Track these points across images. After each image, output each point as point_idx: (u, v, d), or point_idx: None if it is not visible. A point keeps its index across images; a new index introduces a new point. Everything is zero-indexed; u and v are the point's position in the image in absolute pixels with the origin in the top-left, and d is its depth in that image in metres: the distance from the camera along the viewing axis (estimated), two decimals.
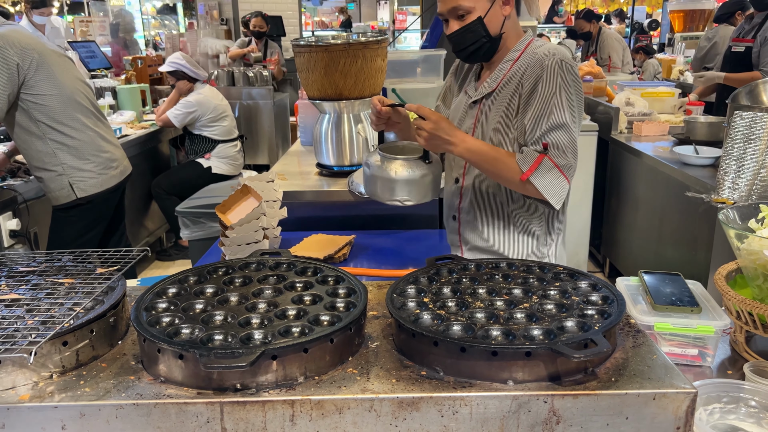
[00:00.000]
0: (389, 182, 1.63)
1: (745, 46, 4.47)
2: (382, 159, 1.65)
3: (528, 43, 1.68)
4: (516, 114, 1.63)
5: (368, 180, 1.69)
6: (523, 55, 1.66)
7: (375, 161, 1.66)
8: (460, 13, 1.59)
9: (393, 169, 1.63)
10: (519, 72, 1.64)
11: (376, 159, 1.66)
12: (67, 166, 2.71)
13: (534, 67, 1.59)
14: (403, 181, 1.62)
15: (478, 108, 1.73)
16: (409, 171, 1.62)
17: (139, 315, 1.06)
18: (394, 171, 1.62)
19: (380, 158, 1.65)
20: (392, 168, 1.63)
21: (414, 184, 1.63)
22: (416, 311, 1.09)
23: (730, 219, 1.40)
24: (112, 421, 0.93)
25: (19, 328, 1.01)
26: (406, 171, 1.62)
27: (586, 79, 4.74)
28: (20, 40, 2.55)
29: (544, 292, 1.15)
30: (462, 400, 0.93)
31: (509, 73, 1.67)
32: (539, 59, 1.59)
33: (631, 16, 12.22)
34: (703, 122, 3.55)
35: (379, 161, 1.65)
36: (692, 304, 1.35)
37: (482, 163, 1.59)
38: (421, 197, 1.65)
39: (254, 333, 1.01)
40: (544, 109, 1.56)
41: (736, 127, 2.47)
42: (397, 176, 1.62)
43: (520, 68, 1.64)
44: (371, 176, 1.67)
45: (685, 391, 0.93)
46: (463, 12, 1.59)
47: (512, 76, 1.65)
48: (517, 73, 1.64)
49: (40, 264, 1.29)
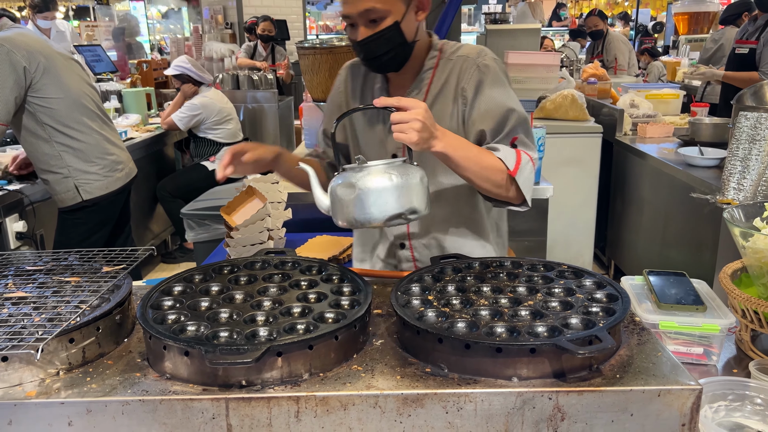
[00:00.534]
0: (384, 193, 1.24)
1: (748, 47, 4.47)
2: (360, 171, 1.25)
3: (441, 48, 1.54)
4: (463, 123, 1.51)
5: (352, 203, 1.25)
6: (442, 61, 1.53)
7: (352, 179, 1.25)
8: (373, 17, 1.39)
9: (385, 176, 1.24)
10: (450, 80, 1.50)
11: (353, 176, 1.25)
12: (73, 168, 2.73)
13: (469, 71, 1.48)
14: (402, 188, 1.25)
15: None
16: (404, 175, 1.25)
17: (145, 312, 1.06)
18: (388, 177, 1.24)
19: (358, 172, 1.25)
20: (382, 176, 1.24)
21: (415, 190, 1.26)
22: (421, 309, 1.09)
23: (735, 218, 1.40)
24: (118, 417, 0.93)
25: (26, 325, 1.02)
26: (401, 176, 1.25)
27: (590, 81, 4.74)
28: (27, 44, 2.56)
29: (549, 290, 1.16)
30: (467, 396, 0.93)
31: (434, 81, 1.52)
32: (471, 62, 1.49)
33: (635, 19, 12.22)
34: (707, 123, 3.54)
35: (358, 176, 1.25)
36: (697, 302, 1.35)
37: (464, 162, 1.34)
38: (425, 207, 1.29)
39: (259, 330, 1.01)
40: (500, 107, 1.46)
41: (741, 128, 2.47)
42: (393, 182, 1.24)
43: (449, 75, 1.51)
44: (355, 197, 1.24)
45: (690, 388, 0.92)
46: (378, 16, 1.39)
47: (443, 85, 1.51)
48: (448, 82, 1.51)
49: (46, 263, 1.30)
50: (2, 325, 1.02)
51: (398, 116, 1.24)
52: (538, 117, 3.88)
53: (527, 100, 4.30)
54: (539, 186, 2.73)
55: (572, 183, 3.77)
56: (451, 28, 5.37)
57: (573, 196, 3.80)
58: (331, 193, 1.29)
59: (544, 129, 2.67)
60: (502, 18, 5.99)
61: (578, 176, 3.82)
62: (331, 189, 1.29)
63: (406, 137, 1.24)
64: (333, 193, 1.28)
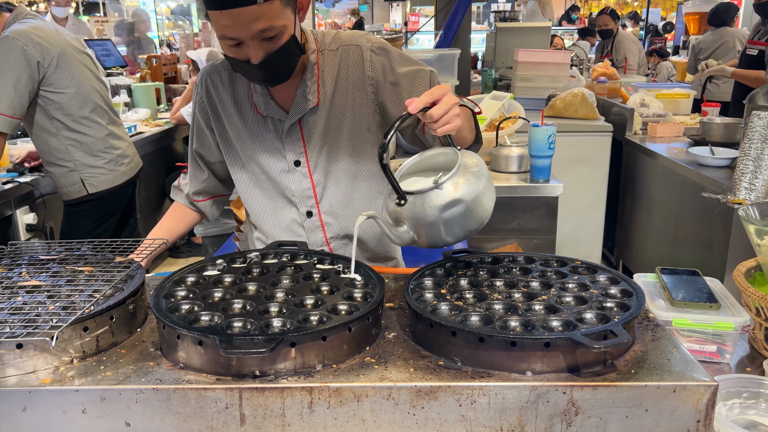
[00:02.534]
0: (486, 192, 1.18)
1: (758, 49, 4.45)
2: (444, 184, 1.16)
3: (315, 41, 1.46)
4: (379, 110, 1.47)
5: (462, 217, 1.17)
6: (322, 54, 1.45)
7: (449, 195, 1.15)
8: (269, 35, 1.24)
9: (475, 175, 1.17)
10: (342, 71, 1.45)
11: (444, 193, 1.16)
12: (79, 162, 2.74)
13: (367, 59, 1.44)
14: (489, 179, 1.20)
15: (299, 127, 1.47)
16: (479, 165, 1.20)
17: (159, 302, 1.06)
18: (476, 174, 1.17)
19: (441, 188, 1.16)
20: (473, 176, 1.17)
21: (484, 187, 1.19)
22: (434, 302, 1.09)
23: (750, 215, 1.39)
24: (132, 406, 0.93)
25: (41, 313, 1.02)
26: (479, 167, 1.19)
27: (600, 80, 4.72)
28: (42, 37, 2.57)
29: (563, 285, 1.15)
30: (480, 389, 0.93)
31: (323, 77, 1.45)
32: (365, 50, 1.44)
33: (645, 19, 12.16)
34: (719, 123, 3.53)
35: (450, 189, 1.15)
36: (711, 300, 1.34)
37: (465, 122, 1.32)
38: (494, 198, 1.23)
39: (273, 321, 1.01)
40: (419, 76, 1.42)
41: (754, 128, 2.45)
42: (486, 176, 1.20)
43: (339, 68, 1.45)
44: (465, 210, 1.16)
45: (705, 384, 0.92)
46: (274, 33, 1.24)
47: (336, 77, 1.45)
48: (340, 74, 1.45)
49: (59, 253, 1.30)
50: (17, 313, 1.02)
51: (439, 110, 1.14)
52: (548, 115, 3.87)
53: (536, 98, 4.30)
54: (549, 184, 2.72)
55: (582, 182, 3.76)
56: (461, 26, 5.36)
57: (582, 195, 3.79)
58: (424, 224, 1.17)
59: (554, 127, 2.66)
60: (511, 16, 5.97)
61: (588, 175, 3.80)
62: (420, 217, 1.17)
63: (452, 126, 1.16)
64: (432, 220, 1.16)
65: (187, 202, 1.69)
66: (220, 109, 1.52)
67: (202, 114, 1.56)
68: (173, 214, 1.68)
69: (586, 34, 8.43)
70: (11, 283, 1.14)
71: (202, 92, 1.53)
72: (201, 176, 1.65)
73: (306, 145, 1.49)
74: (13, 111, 2.49)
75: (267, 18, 1.21)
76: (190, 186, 1.67)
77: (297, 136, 1.48)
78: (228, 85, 1.50)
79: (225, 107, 1.51)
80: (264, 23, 1.21)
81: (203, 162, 1.64)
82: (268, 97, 1.46)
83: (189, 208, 1.69)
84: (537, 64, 4.52)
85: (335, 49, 1.46)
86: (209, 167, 1.64)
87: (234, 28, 1.21)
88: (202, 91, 1.53)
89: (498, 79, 5.84)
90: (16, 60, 2.47)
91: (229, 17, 1.19)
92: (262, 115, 1.48)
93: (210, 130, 1.57)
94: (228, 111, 1.51)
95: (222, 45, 1.28)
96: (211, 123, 1.55)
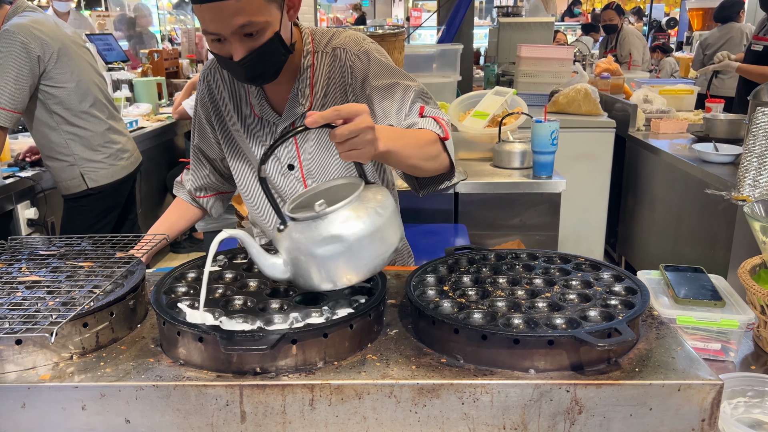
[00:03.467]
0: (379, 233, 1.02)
1: (763, 45, 4.42)
2: (327, 216, 1.00)
3: (312, 42, 1.43)
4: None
5: (341, 259, 1.01)
6: (317, 55, 1.43)
7: (329, 230, 0.99)
8: (250, 31, 1.21)
9: (371, 213, 1.02)
10: (333, 75, 1.42)
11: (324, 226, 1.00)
12: (79, 156, 2.74)
13: (349, 64, 1.39)
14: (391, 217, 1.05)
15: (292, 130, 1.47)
16: (385, 202, 1.05)
17: (159, 298, 1.06)
18: (375, 213, 1.02)
19: (324, 218, 1.00)
20: (367, 214, 1.02)
21: (396, 212, 1.08)
22: (436, 299, 1.08)
23: (755, 212, 1.38)
24: (131, 402, 0.92)
25: (40, 308, 1.01)
26: (383, 206, 1.04)
27: (603, 75, 4.70)
28: (42, 31, 2.56)
29: (566, 282, 1.14)
30: (483, 387, 0.92)
31: (316, 80, 1.42)
32: (350, 54, 1.40)
33: (649, 14, 12.12)
34: (723, 120, 3.50)
35: (334, 224, 1.00)
36: (715, 298, 1.33)
37: (407, 149, 1.17)
38: (391, 246, 1.06)
39: (274, 317, 1.00)
40: (394, 89, 1.34)
41: (758, 124, 2.43)
42: (384, 216, 1.03)
43: (330, 71, 1.42)
44: (346, 251, 1.00)
45: (710, 383, 0.91)
46: (255, 30, 1.21)
47: (327, 82, 1.42)
48: (331, 78, 1.42)
49: (59, 248, 1.29)
50: (16, 309, 1.01)
51: (342, 131, 0.97)
52: (551, 111, 3.85)
53: (539, 93, 4.28)
54: (552, 180, 2.71)
55: (584, 178, 3.74)
56: (463, 22, 5.34)
57: (585, 191, 3.77)
58: (297, 257, 1.01)
59: (557, 123, 2.64)
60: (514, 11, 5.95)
61: (590, 171, 3.79)
62: (293, 251, 1.01)
63: (359, 154, 1.01)
64: (305, 256, 1.00)
65: (188, 198, 1.68)
66: (220, 105, 1.52)
67: (203, 109, 1.55)
68: (175, 210, 1.68)
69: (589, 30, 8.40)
70: (11, 279, 1.14)
71: (204, 87, 1.53)
72: (203, 172, 1.65)
73: (299, 149, 1.48)
74: (14, 105, 2.48)
75: (247, 13, 1.19)
76: (192, 182, 1.66)
77: (290, 140, 1.46)
78: (228, 82, 1.50)
79: (225, 104, 1.51)
80: (243, 18, 1.19)
81: (204, 157, 1.63)
82: (262, 99, 1.45)
83: (191, 204, 1.69)
84: (540, 60, 4.50)
85: (328, 50, 1.44)
86: (211, 163, 1.64)
87: (215, 23, 1.20)
88: (204, 86, 1.53)
89: (500, 74, 5.82)
90: (17, 54, 2.46)
91: (210, 11, 1.19)
92: (257, 116, 1.47)
93: (210, 126, 1.56)
94: (228, 108, 1.51)
95: (207, 41, 1.27)
96: (212, 118, 1.54)
